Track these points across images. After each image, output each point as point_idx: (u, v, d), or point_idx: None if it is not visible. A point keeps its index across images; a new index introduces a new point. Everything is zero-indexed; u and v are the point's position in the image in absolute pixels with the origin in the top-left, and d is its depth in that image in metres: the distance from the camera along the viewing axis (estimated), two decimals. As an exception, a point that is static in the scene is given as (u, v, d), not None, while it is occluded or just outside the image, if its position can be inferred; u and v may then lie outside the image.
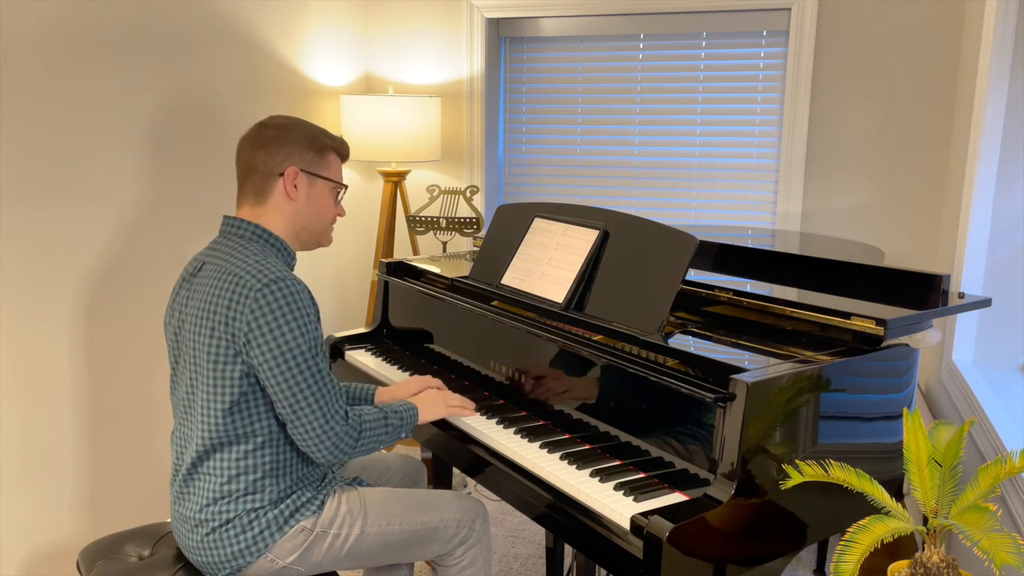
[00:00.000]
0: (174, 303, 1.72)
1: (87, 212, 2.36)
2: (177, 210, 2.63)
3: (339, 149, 1.78)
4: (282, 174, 1.69)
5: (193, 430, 1.66)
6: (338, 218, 1.81)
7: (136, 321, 2.53)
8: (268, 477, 1.64)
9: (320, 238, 1.79)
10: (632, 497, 1.50)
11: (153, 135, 2.53)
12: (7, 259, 2.17)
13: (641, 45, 3.29)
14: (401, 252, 3.58)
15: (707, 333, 1.81)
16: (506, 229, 2.20)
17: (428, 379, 1.98)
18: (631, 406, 1.66)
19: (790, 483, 1.36)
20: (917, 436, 1.37)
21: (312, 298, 1.62)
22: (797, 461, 1.40)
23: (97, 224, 2.39)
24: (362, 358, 2.35)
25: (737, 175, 3.23)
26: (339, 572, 1.81)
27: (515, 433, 1.80)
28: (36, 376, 2.28)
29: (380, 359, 2.34)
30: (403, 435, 1.76)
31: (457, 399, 1.89)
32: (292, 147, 1.69)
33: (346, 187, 1.80)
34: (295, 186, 1.70)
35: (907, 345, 1.72)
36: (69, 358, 2.36)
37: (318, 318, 1.63)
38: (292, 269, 1.73)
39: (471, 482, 3.14)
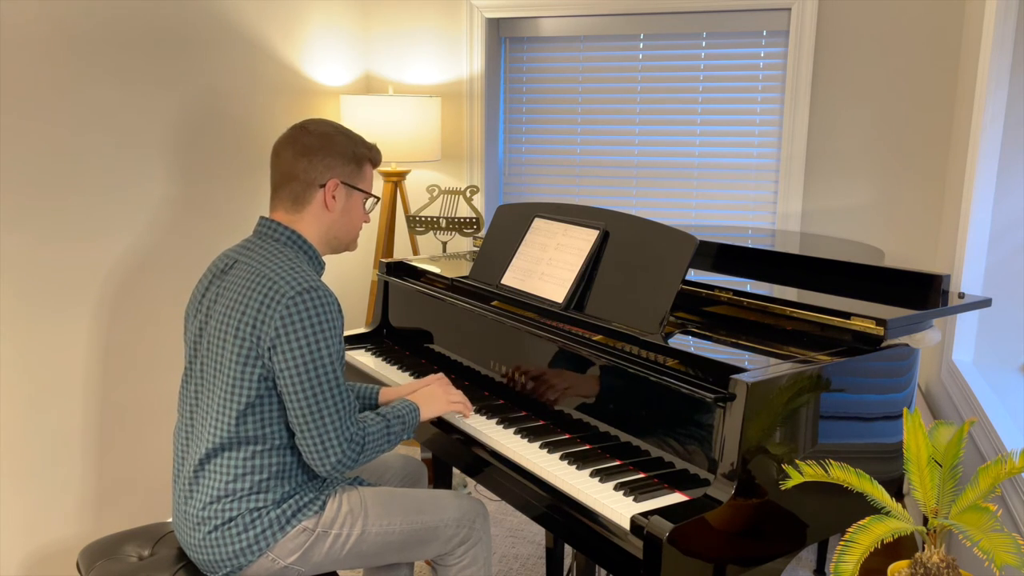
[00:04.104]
0: (202, 299, 1.72)
1: (92, 214, 2.36)
2: (181, 210, 2.63)
3: (374, 159, 1.81)
4: (323, 185, 1.71)
5: (204, 427, 1.66)
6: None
7: (142, 322, 2.52)
8: (274, 479, 1.65)
9: (349, 246, 1.82)
10: (632, 497, 1.50)
11: (153, 136, 2.53)
12: (16, 259, 2.17)
13: (641, 45, 3.29)
14: (401, 252, 3.58)
15: (707, 333, 1.81)
16: (506, 229, 2.20)
17: (437, 377, 1.98)
18: (631, 406, 1.66)
19: (790, 483, 1.36)
20: (917, 436, 1.37)
21: (340, 310, 1.63)
22: (797, 461, 1.40)
23: (106, 226, 2.39)
24: (362, 358, 2.36)
25: (737, 175, 3.23)
26: (339, 572, 1.81)
27: (515, 433, 1.80)
28: (38, 377, 2.28)
29: (380, 359, 2.34)
30: (405, 437, 1.76)
31: (459, 395, 1.89)
32: (335, 159, 1.71)
33: (378, 199, 1.83)
34: (334, 197, 1.72)
35: (907, 345, 1.72)
36: (71, 359, 2.35)
37: (343, 330, 1.64)
38: (320, 277, 1.74)
39: (471, 482, 3.14)
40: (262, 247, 1.68)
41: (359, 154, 1.76)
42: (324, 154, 1.70)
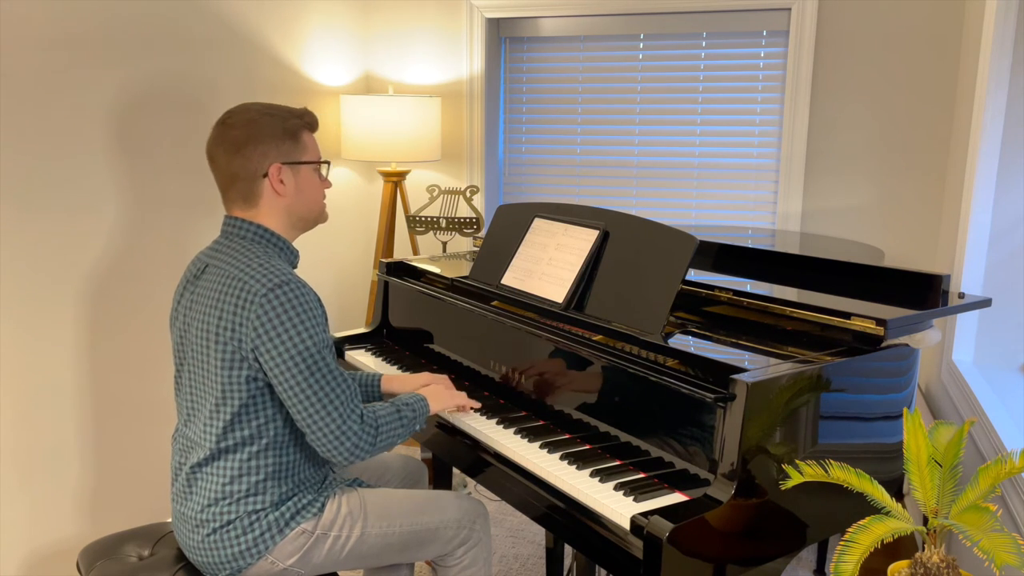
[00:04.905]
0: (179, 305, 1.71)
1: (87, 212, 2.36)
2: (178, 209, 2.63)
3: (310, 124, 1.72)
4: (266, 174, 1.65)
5: (198, 431, 1.65)
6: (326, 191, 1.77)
7: (138, 320, 2.52)
8: (270, 479, 1.64)
9: (319, 219, 1.77)
10: (632, 497, 1.50)
11: (153, 135, 2.53)
12: (8, 259, 2.17)
13: (641, 45, 3.29)
14: (401, 252, 3.58)
15: (707, 333, 1.81)
16: (506, 229, 2.20)
17: (439, 376, 1.98)
18: (631, 406, 1.66)
19: (790, 483, 1.36)
20: (917, 436, 1.37)
21: (318, 299, 1.61)
22: (797, 461, 1.40)
23: (98, 223, 2.39)
24: (362, 358, 2.36)
25: (737, 175, 3.23)
26: (339, 573, 1.81)
27: (515, 433, 1.80)
28: (37, 376, 2.28)
29: (380, 359, 2.34)
30: (417, 427, 1.75)
31: (461, 396, 1.90)
32: (267, 144, 1.64)
33: (328, 163, 1.77)
34: (281, 181, 1.66)
35: (907, 345, 1.72)
36: (70, 358, 2.35)
37: (326, 319, 1.62)
38: (295, 267, 1.73)
39: (471, 482, 3.14)
40: (230, 247, 1.66)
41: (291, 127, 1.67)
42: (255, 143, 1.63)
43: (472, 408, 1.90)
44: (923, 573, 1.33)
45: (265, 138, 1.64)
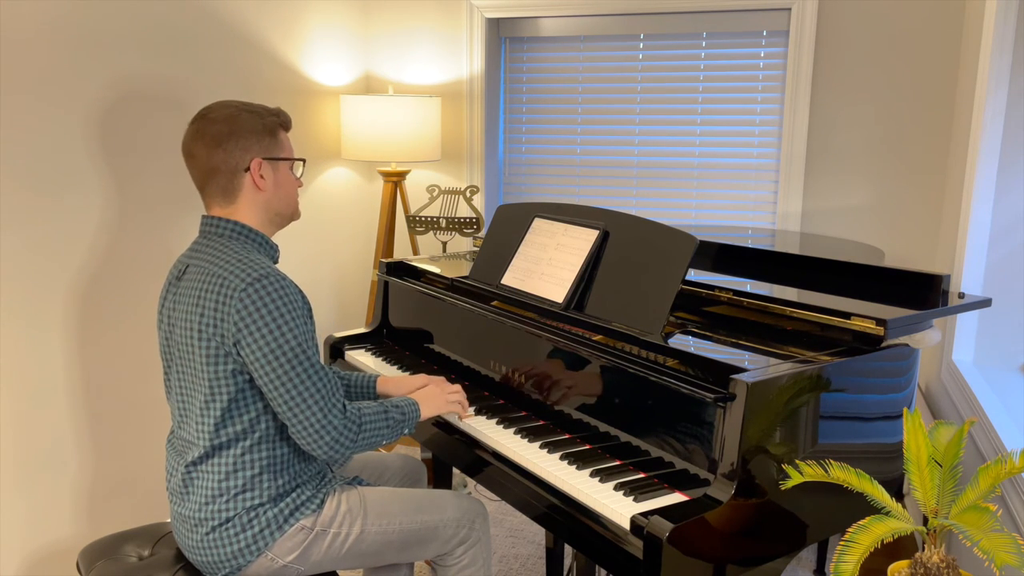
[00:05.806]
0: (163, 308, 1.72)
1: (79, 212, 2.36)
2: (172, 209, 2.63)
3: (284, 123, 1.75)
4: (247, 168, 1.67)
5: (191, 431, 1.66)
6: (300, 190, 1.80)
7: (133, 319, 2.52)
8: (265, 472, 1.64)
9: (293, 216, 1.78)
10: (632, 497, 1.50)
11: (151, 135, 2.53)
12: (2, 259, 2.17)
13: (641, 45, 3.29)
14: (401, 252, 3.57)
15: (707, 333, 1.81)
16: (506, 229, 2.20)
17: (435, 378, 1.98)
18: (631, 406, 1.66)
19: (790, 483, 1.36)
20: (917, 436, 1.37)
21: (300, 292, 1.61)
22: (797, 461, 1.40)
23: (89, 224, 2.39)
24: (362, 358, 2.36)
25: (737, 175, 3.23)
26: (339, 572, 1.81)
27: (515, 433, 1.80)
28: (34, 376, 2.28)
29: (380, 359, 2.34)
30: (405, 431, 1.76)
31: (456, 392, 1.89)
32: (248, 139, 1.66)
33: (304, 161, 1.79)
34: (262, 176, 1.68)
35: (907, 345, 1.72)
36: (66, 358, 2.35)
37: (309, 313, 1.63)
38: (276, 262, 1.73)
39: (471, 482, 3.14)
40: (209, 246, 1.67)
41: (269, 124, 1.70)
42: (237, 137, 1.65)
43: (463, 416, 1.89)
44: (923, 573, 1.33)
45: (246, 133, 1.66)
